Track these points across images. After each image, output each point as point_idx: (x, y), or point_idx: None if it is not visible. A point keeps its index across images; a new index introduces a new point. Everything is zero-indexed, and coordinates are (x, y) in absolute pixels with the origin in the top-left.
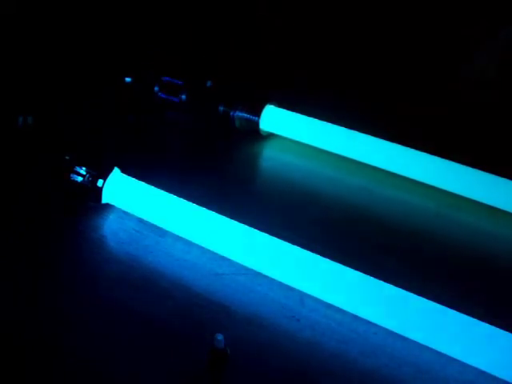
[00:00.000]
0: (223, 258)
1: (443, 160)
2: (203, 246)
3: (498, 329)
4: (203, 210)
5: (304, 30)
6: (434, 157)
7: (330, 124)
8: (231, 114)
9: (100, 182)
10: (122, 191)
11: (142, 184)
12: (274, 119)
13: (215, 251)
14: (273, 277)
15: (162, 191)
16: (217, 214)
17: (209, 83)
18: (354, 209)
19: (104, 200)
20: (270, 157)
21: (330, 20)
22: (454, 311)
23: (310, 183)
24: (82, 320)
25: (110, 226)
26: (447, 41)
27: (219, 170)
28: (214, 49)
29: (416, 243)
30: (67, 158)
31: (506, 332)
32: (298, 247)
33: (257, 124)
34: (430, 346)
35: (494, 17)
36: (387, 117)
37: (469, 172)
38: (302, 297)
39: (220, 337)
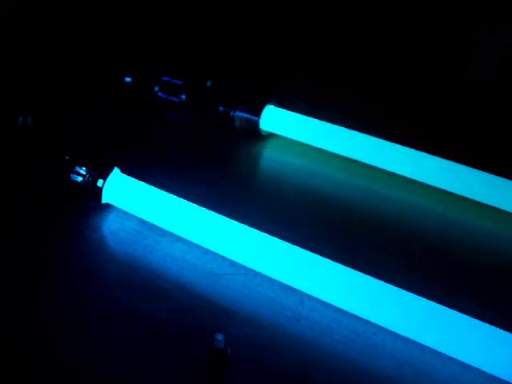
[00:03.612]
0: (223, 258)
1: (443, 160)
2: (203, 245)
3: (497, 329)
4: (203, 209)
5: (304, 30)
6: (434, 157)
7: (330, 124)
8: (231, 113)
9: (100, 182)
10: (122, 191)
11: (142, 184)
12: (274, 119)
13: (215, 251)
14: (273, 277)
15: (162, 191)
16: (217, 213)
17: (209, 83)
18: (354, 209)
19: (104, 200)
20: (269, 157)
21: (330, 20)
22: (454, 311)
23: (310, 183)
24: (82, 320)
25: (109, 226)
26: (447, 41)
27: (219, 170)
28: (214, 49)
29: (416, 243)
30: (67, 157)
31: (506, 332)
32: (298, 247)
33: (257, 124)
34: (430, 345)
35: (494, 17)
36: (387, 117)
37: (469, 172)
38: (302, 297)
39: (220, 337)
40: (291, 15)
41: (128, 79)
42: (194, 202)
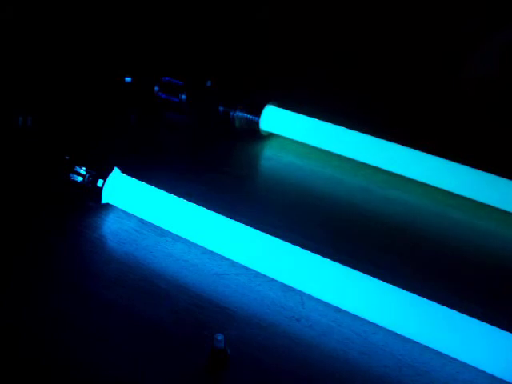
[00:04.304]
0: (223, 258)
1: (443, 160)
2: (203, 245)
3: (497, 328)
4: (203, 209)
5: (304, 30)
6: (434, 157)
7: (330, 124)
8: (231, 114)
9: (100, 182)
10: (122, 191)
11: (142, 184)
12: (274, 119)
13: (215, 251)
14: (273, 277)
15: (162, 191)
16: (217, 213)
17: (209, 83)
18: (354, 209)
19: (104, 200)
20: (269, 157)
21: (331, 20)
22: (454, 311)
23: (310, 183)
24: (82, 320)
25: (109, 226)
26: (447, 40)
27: (219, 170)
28: (214, 49)
29: (416, 243)
30: (67, 157)
31: (506, 332)
32: (298, 247)
33: (257, 124)
34: (430, 345)
35: (494, 16)
36: (387, 117)
37: (469, 172)
38: (302, 297)
39: (220, 337)
40: (291, 15)
41: (128, 79)
42: (193, 202)
